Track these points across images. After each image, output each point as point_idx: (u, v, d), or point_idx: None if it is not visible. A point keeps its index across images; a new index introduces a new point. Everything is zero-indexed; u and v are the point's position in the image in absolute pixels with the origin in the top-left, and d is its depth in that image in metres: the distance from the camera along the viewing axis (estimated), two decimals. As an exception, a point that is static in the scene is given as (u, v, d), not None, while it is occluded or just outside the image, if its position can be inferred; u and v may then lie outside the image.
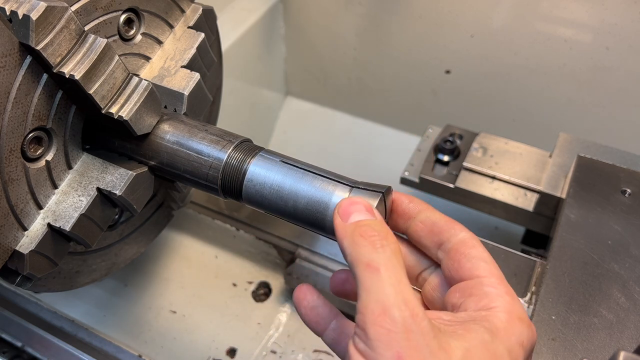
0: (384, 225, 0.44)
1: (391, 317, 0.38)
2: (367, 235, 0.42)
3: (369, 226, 0.43)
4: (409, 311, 0.38)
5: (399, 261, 0.41)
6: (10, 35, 0.48)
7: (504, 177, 0.89)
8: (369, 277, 0.40)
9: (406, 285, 0.40)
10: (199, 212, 0.93)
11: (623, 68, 1.09)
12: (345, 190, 0.51)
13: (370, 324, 0.39)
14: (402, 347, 0.37)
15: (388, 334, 0.38)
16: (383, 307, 0.39)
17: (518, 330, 0.42)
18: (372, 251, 0.41)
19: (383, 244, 0.42)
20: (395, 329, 0.38)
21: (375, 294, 0.39)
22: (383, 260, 0.41)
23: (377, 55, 1.33)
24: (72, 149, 0.58)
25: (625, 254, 0.67)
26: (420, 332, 0.38)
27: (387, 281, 0.40)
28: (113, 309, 0.93)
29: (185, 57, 0.66)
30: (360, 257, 0.42)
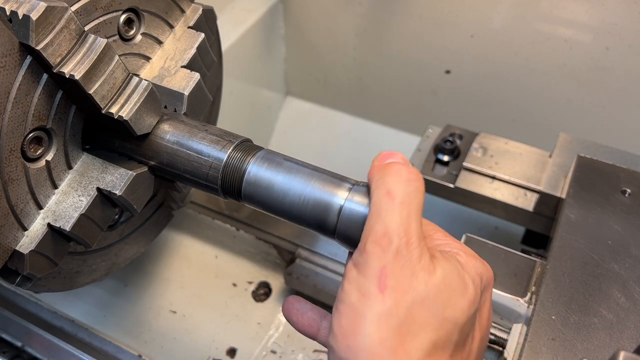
0: (417, 171, 0.48)
1: (389, 239, 0.44)
2: (398, 169, 0.47)
3: (403, 165, 0.48)
4: (405, 239, 0.44)
5: (417, 198, 0.46)
6: (10, 35, 0.48)
7: (504, 177, 0.89)
8: (385, 203, 0.45)
9: (414, 218, 0.45)
10: (199, 212, 0.93)
11: (623, 68, 1.09)
12: (345, 190, 0.51)
13: (370, 241, 0.44)
14: (388, 263, 0.43)
15: (381, 251, 0.44)
16: (385, 230, 0.44)
17: (475, 264, 0.49)
18: (397, 182, 0.46)
19: (410, 179, 0.46)
20: (389, 249, 0.43)
21: (383, 218, 0.44)
22: (402, 192, 0.45)
23: (377, 55, 1.33)
24: (72, 149, 0.58)
25: (625, 254, 0.67)
26: (408, 257, 0.44)
27: (398, 210, 0.44)
28: (113, 309, 0.93)
29: (185, 57, 0.66)
30: (384, 184, 0.46)
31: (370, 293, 0.43)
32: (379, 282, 0.43)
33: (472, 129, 0.98)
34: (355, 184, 0.52)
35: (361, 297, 0.43)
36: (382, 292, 0.43)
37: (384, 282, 0.43)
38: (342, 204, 0.50)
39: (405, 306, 0.43)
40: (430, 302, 0.44)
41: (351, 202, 0.50)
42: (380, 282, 0.43)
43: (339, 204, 0.50)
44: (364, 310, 0.43)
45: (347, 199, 0.50)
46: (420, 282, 0.44)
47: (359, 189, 0.51)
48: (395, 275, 0.43)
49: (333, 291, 0.82)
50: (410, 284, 0.43)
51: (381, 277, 0.43)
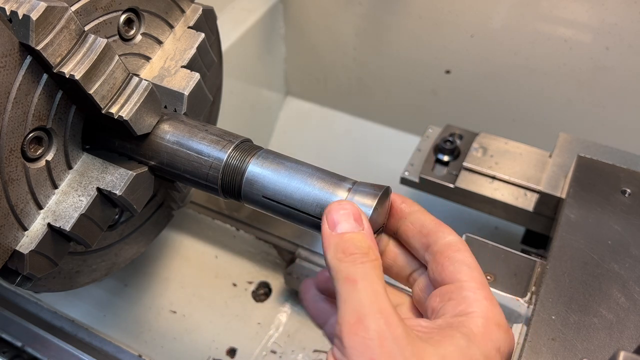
0: (367, 240, 0.45)
1: (365, 325, 0.39)
2: (349, 252, 0.44)
3: (351, 242, 0.45)
4: (383, 319, 0.40)
5: (378, 274, 0.43)
6: (10, 35, 0.48)
7: (504, 177, 0.89)
8: (347, 289, 0.42)
9: (382, 296, 0.42)
10: (199, 212, 0.93)
11: (623, 68, 1.09)
12: (345, 190, 0.51)
13: (345, 333, 0.40)
14: (375, 354, 0.38)
15: (363, 342, 0.39)
16: (358, 316, 0.40)
17: (495, 335, 0.43)
18: (352, 266, 0.43)
19: (363, 261, 0.43)
20: (369, 336, 0.39)
21: (351, 304, 0.41)
22: (361, 274, 0.42)
23: (377, 55, 1.33)
24: (72, 149, 0.58)
25: (625, 254, 0.67)
26: (394, 339, 0.39)
27: (363, 292, 0.41)
28: (113, 309, 0.93)
29: (185, 57, 0.66)
30: (340, 271, 0.43)
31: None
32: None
33: (472, 129, 0.98)
34: (355, 183, 0.52)
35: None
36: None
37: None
38: None
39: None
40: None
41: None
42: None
43: None
44: None
45: (346, 198, 0.50)
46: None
47: (359, 189, 0.51)
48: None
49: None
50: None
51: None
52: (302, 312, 0.91)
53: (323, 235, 0.46)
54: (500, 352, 0.43)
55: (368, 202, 0.50)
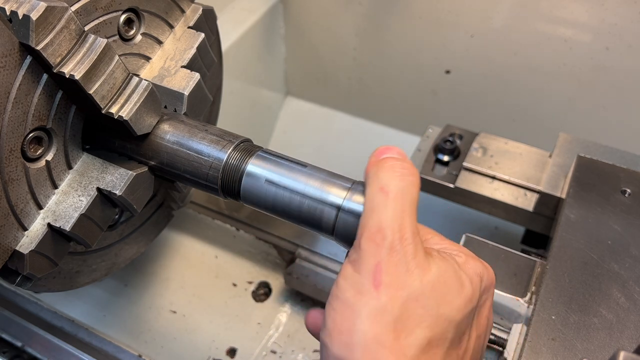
0: (412, 165, 0.47)
1: (383, 235, 0.43)
2: (392, 164, 0.46)
3: (398, 160, 0.47)
4: (399, 234, 0.44)
5: (411, 193, 0.45)
6: (10, 35, 0.48)
7: (504, 177, 0.89)
8: (378, 199, 0.45)
9: (408, 214, 0.45)
10: (199, 212, 0.93)
11: (623, 68, 1.09)
12: (343, 190, 0.51)
13: (365, 238, 0.44)
14: (383, 259, 0.43)
15: (376, 248, 0.43)
16: (379, 226, 0.44)
17: (475, 264, 0.49)
18: (391, 177, 0.45)
19: (404, 174, 0.46)
20: (383, 244, 0.43)
21: (377, 214, 0.44)
22: (396, 188, 0.45)
23: (377, 55, 1.33)
24: (72, 149, 0.58)
25: (625, 254, 0.67)
26: (403, 252, 0.43)
27: (391, 206, 0.44)
28: (113, 309, 0.93)
29: (185, 57, 0.66)
30: (377, 179, 0.46)
31: (364, 289, 0.43)
32: (374, 279, 0.43)
33: (472, 129, 0.98)
34: (354, 183, 0.52)
35: (356, 293, 0.43)
36: (377, 288, 0.43)
37: (379, 279, 0.43)
38: (340, 204, 0.50)
39: (400, 302, 0.43)
40: (425, 298, 0.44)
41: (350, 201, 0.50)
42: (375, 278, 0.43)
43: (338, 204, 0.50)
44: (359, 307, 0.43)
45: (345, 198, 0.50)
46: (415, 278, 0.44)
47: (358, 189, 0.51)
48: (390, 272, 0.43)
49: (333, 291, 0.82)
50: (405, 280, 0.43)
51: (376, 273, 0.43)
52: (302, 312, 0.92)
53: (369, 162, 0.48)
54: (482, 278, 0.49)
55: None
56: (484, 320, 0.50)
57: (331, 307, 0.45)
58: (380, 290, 0.43)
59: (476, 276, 0.48)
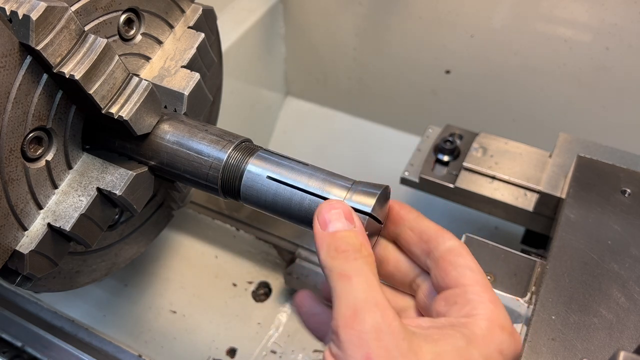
0: (358, 237, 0.45)
1: (361, 319, 0.39)
2: (341, 250, 0.44)
3: (343, 240, 0.45)
4: (379, 312, 0.39)
5: (371, 269, 0.43)
6: (10, 35, 0.48)
7: (504, 177, 0.89)
8: (342, 285, 0.42)
9: (377, 290, 0.42)
10: (199, 212, 0.93)
11: (623, 68, 1.09)
12: (344, 190, 0.51)
13: (341, 328, 0.40)
14: (371, 348, 0.38)
15: (358, 336, 0.39)
16: (354, 311, 0.40)
17: (498, 338, 0.42)
18: (345, 263, 0.43)
19: (356, 257, 0.44)
20: (366, 330, 0.39)
21: (346, 299, 0.41)
22: (354, 269, 0.43)
23: (377, 55, 1.33)
24: (72, 149, 0.58)
25: (625, 254, 0.67)
26: (390, 332, 0.39)
27: (358, 287, 0.41)
28: (113, 309, 0.93)
29: (185, 57, 0.66)
30: (334, 268, 0.43)
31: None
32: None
33: (472, 129, 0.98)
34: (354, 183, 0.52)
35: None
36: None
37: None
38: None
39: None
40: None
41: (350, 201, 0.50)
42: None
43: None
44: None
45: (345, 198, 0.50)
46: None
47: (358, 188, 0.51)
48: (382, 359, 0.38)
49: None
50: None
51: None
52: (302, 312, 0.91)
53: (315, 235, 0.47)
54: (504, 354, 0.42)
55: (367, 201, 0.50)
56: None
57: None
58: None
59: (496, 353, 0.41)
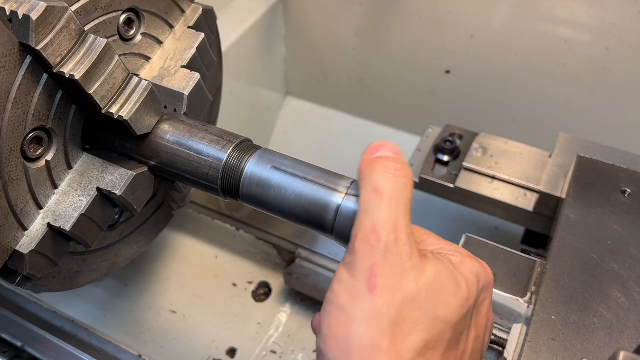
0: (406, 164, 0.47)
1: (377, 236, 0.43)
2: (386, 165, 0.46)
3: (391, 160, 0.46)
4: (394, 235, 0.43)
5: (405, 194, 0.45)
6: (10, 35, 0.48)
7: (504, 177, 0.89)
8: (372, 200, 0.44)
9: (402, 215, 0.44)
10: (199, 212, 0.93)
11: (623, 68, 1.09)
12: (343, 189, 0.51)
13: (359, 240, 0.44)
14: (377, 262, 0.43)
15: (370, 250, 0.43)
16: (373, 227, 0.43)
17: (469, 263, 0.48)
18: (384, 178, 0.45)
19: (397, 175, 0.45)
20: (378, 246, 0.43)
21: (371, 215, 0.44)
22: (390, 189, 0.45)
23: (377, 55, 1.33)
24: (72, 149, 0.58)
25: (625, 254, 0.67)
26: (398, 254, 0.43)
27: (386, 207, 0.44)
28: (113, 309, 0.93)
29: (185, 57, 0.66)
30: (371, 181, 0.45)
31: (360, 294, 0.42)
32: (369, 282, 0.42)
33: (472, 129, 0.98)
34: (353, 182, 0.52)
35: (351, 298, 0.43)
36: (372, 292, 0.42)
37: (374, 282, 0.42)
38: (339, 203, 0.50)
39: (395, 305, 0.42)
40: (421, 300, 0.43)
41: (349, 200, 0.50)
42: (369, 281, 0.42)
43: (337, 203, 0.51)
44: (354, 312, 0.42)
45: (344, 197, 0.51)
46: (410, 280, 0.43)
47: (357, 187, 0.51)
48: (385, 274, 0.42)
49: (333, 291, 0.82)
50: (401, 283, 0.43)
51: (370, 276, 0.42)
52: (302, 312, 0.92)
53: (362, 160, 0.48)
54: (479, 278, 0.48)
55: None
56: (482, 321, 0.50)
57: (326, 313, 0.44)
58: (376, 294, 0.42)
59: (473, 276, 0.48)
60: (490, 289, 0.51)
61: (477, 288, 0.48)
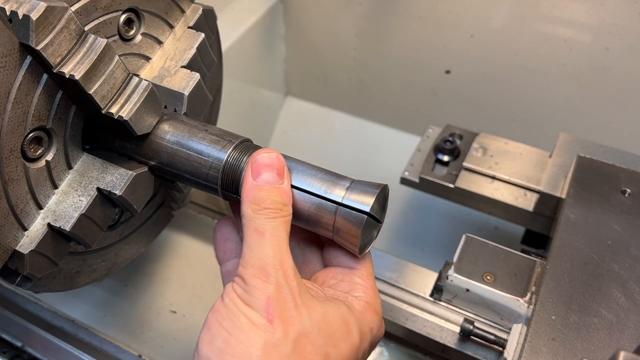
0: (283, 196, 0.50)
1: (267, 273, 0.46)
2: (264, 206, 0.49)
3: (269, 196, 0.50)
4: (282, 271, 0.47)
5: (285, 230, 0.49)
6: (10, 35, 0.48)
7: (504, 177, 0.89)
8: (255, 239, 0.48)
9: (285, 251, 0.48)
10: (199, 212, 0.93)
11: (623, 68, 1.09)
12: (342, 188, 0.51)
13: (249, 276, 0.47)
14: (272, 295, 0.46)
15: (263, 284, 0.46)
16: (261, 265, 0.47)
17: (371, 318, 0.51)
18: (264, 219, 0.49)
19: (275, 216, 0.49)
20: (269, 282, 0.46)
21: (257, 253, 0.47)
22: (270, 228, 0.48)
23: (377, 55, 1.33)
24: (72, 149, 0.58)
25: (625, 254, 0.67)
26: (289, 288, 0.46)
27: (269, 245, 0.48)
28: (113, 309, 0.93)
29: (185, 57, 0.66)
30: (252, 221, 0.49)
31: (259, 322, 0.45)
32: (267, 312, 0.45)
33: (472, 129, 0.98)
34: (352, 182, 0.52)
35: (251, 324, 0.45)
36: (271, 322, 0.45)
37: (272, 313, 0.45)
38: (340, 202, 0.50)
39: (292, 338, 0.45)
40: (314, 337, 0.46)
41: (348, 200, 0.50)
42: (267, 312, 0.45)
43: (337, 202, 0.51)
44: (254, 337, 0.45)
45: (344, 197, 0.51)
46: (304, 315, 0.46)
47: (357, 187, 0.51)
48: (280, 307, 0.46)
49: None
50: (295, 316, 0.46)
51: (268, 307, 0.45)
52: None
53: (244, 182, 0.51)
54: (372, 333, 0.51)
55: (366, 200, 0.50)
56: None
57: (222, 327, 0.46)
58: (275, 325, 0.45)
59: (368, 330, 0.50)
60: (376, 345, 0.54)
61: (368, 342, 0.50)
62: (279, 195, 0.50)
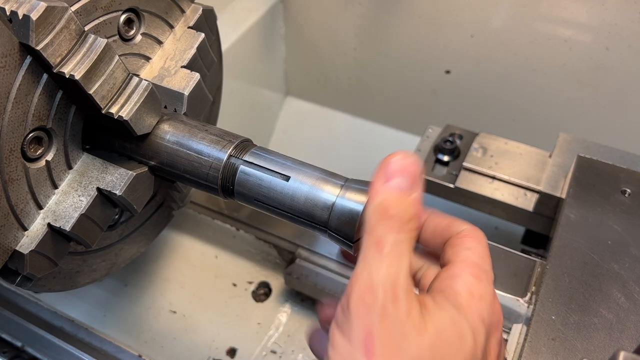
0: (413, 208, 0.44)
1: (374, 294, 0.40)
2: (390, 217, 0.43)
3: (398, 204, 0.43)
4: (392, 293, 0.40)
5: (408, 248, 0.42)
6: (10, 35, 0.48)
7: (503, 177, 0.89)
8: (372, 252, 0.42)
9: (403, 271, 0.41)
10: (199, 212, 0.93)
11: (623, 68, 1.09)
12: (337, 187, 0.51)
13: (354, 297, 0.40)
14: (374, 324, 0.39)
15: (366, 309, 0.39)
16: (370, 283, 0.40)
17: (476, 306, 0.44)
18: (387, 231, 0.42)
19: (400, 230, 0.42)
20: (374, 306, 0.39)
21: (369, 268, 0.41)
22: (392, 242, 0.42)
23: (377, 55, 1.33)
24: (72, 149, 0.58)
25: (625, 254, 0.67)
26: (396, 315, 0.39)
27: (386, 262, 0.41)
28: (113, 309, 0.93)
29: (185, 57, 0.66)
30: (374, 231, 0.42)
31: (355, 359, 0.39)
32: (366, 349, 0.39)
33: (472, 129, 0.98)
34: (346, 181, 0.52)
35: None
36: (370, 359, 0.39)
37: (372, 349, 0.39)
38: (334, 201, 0.51)
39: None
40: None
41: (343, 198, 0.50)
42: (367, 349, 0.39)
43: (331, 201, 0.51)
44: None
45: (338, 195, 0.51)
46: (411, 344, 0.40)
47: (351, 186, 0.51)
48: (383, 339, 0.39)
49: (333, 291, 0.82)
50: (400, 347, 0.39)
51: (367, 342, 0.39)
52: (302, 312, 0.92)
53: (374, 185, 0.45)
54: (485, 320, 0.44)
55: (360, 199, 0.50)
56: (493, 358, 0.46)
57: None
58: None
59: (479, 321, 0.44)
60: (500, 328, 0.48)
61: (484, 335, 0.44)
62: (409, 207, 0.43)
